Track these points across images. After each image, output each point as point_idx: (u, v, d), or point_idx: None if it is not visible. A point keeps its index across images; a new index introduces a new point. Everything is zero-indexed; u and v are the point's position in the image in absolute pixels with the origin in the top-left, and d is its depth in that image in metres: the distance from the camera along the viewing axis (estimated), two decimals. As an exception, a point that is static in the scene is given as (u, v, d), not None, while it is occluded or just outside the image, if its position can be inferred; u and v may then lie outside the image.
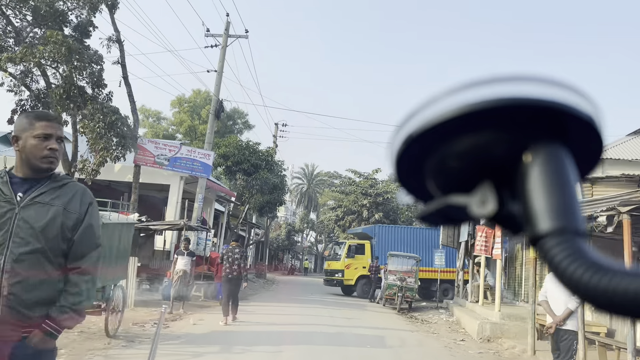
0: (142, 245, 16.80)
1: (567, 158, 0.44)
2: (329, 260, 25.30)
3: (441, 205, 0.48)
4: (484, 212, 0.46)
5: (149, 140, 17.57)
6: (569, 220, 0.42)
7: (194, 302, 13.85)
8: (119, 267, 7.70)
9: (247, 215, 29.26)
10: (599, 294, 0.38)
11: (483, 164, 0.45)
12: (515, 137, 0.44)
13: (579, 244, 0.41)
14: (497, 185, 0.46)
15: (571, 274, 0.40)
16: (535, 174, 0.43)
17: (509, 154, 0.44)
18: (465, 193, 0.47)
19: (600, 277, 0.38)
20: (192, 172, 18.06)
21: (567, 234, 0.41)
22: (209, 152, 18.25)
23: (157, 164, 17.66)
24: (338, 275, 23.50)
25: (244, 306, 13.66)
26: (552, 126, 0.43)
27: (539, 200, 0.42)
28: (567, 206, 0.42)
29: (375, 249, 23.63)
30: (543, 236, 0.42)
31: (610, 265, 0.39)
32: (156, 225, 14.36)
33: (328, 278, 24.37)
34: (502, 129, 0.43)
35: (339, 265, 23.60)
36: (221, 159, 23.27)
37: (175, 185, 18.33)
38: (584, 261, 0.40)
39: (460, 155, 0.45)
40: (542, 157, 0.43)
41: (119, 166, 18.66)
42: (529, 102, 0.41)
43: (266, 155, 24.54)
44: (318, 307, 16.09)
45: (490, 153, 0.45)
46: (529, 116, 0.42)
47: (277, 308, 14.86)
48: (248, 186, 23.30)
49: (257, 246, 40.77)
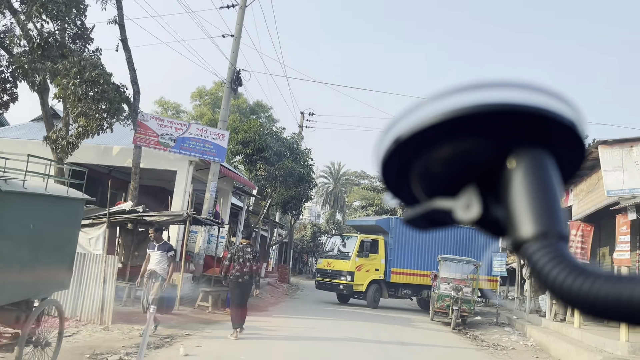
0: (141, 243, 13.85)
1: (550, 163, 0.45)
2: (329, 258, 19.03)
3: (427, 209, 0.48)
4: (468, 216, 0.46)
5: (152, 117, 14.61)
6: (551, 224, 0.42)
7: (199, 315, 10.77)
8: (49, 268, 4.61)
9: (268, 212, 26.22)
10: (581, 299, 0.38)
11: (468, 168, 0.46)
12: (499, 143, 0.44)
13: (562, 248, 0.41)
14: (481, 189, 0.46)
15: (554, 278, 0.39)
16: (519, 179, 0.43)
17: (493, 159, 0.45)
18: (450, 197, 0.47)
19: (583, 282, 0.38)
20: (203, 156, 15.02)
21: (550, 238, 0.41)
22: (223, 132, 15.20)
23: (160, 145, 14.68)
24: (344, 279, 17.75)
25: (264, 322, 10.52)
26: (536, 132, 0.43)
27: (522, 205, 0.43)
28: (550, 211, 0.42)
29: (390, 248, 18.46)
30: (526, 240, 0.42)
31: (592, 269, 0.39)
32: (151, 216, 11.34)
33: (325, 281, 18.50)
34: (486, 134, 0.44)
35: (347, 265, 17.84)
36: (240, 146, 20.24)
37: (183, 171, 15.32)
38: (566, 265, 0.39)
39: (445, 160, 0.46)
40: (526, 163, 0.44)
41: (118, 149, 15.76)
42: (512, 108, 0.42)
43: (291, 143, 21.43)
44: (357, 321, 12.87)
45: (475, 158, 0.45)
46: (512, 122, 0.43)
47: (306, 323, 11.70)
48: (270, 177, 20.21)
49: (280, 247, 37.79)
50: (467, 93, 0.42)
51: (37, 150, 16.39)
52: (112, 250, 13.49)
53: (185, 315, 10.43)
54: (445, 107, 0.42)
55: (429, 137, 0.44)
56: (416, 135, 0.43)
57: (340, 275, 18.04)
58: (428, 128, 0.43)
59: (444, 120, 0.42)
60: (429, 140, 0.44)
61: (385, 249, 18.41)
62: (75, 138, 10.18)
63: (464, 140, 0.44)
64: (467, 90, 0.42)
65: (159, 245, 9.00)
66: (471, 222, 0.46)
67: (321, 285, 18.94)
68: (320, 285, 18.98)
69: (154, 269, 8.84)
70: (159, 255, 8.88)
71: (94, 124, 9.93)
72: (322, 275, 19.03)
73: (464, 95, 0.42)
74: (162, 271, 8.86)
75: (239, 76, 15.43)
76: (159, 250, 8.93)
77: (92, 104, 9.74)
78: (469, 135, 0.44)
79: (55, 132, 10.33)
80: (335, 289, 18.32)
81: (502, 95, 0.42)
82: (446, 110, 0.42)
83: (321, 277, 19.00)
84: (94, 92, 9.77)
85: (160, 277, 8.81)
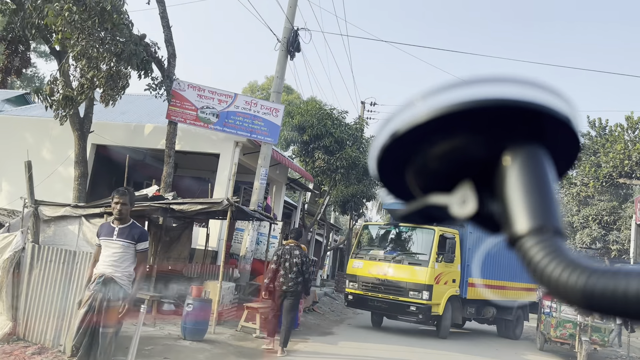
0: (173, 242, 11.00)
1: (545, 158, 0.45)
2: (375, 260, 11.80)
3: (422, 205, 0.48)
4: (464, 212, 0.46)
5: (190, 85, 11.77)
6: (547, 219, 0.42)
7: (241, 342, 7.69)
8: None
9: (325, 212, 23.10)
10: (577, 294, 0.38)
11: (463, 164, 0.46)
12: (494, 138, 0.44)
13: (558, 243, 0.41)
14: (477, 185, 0.46)
15: (550, 273, 0.39)
16: (514, 174, 0.43)
17: (488, 154, 0.45)
18: (445, 193, 0.47)
19: (578, 276, 0.38)
20: (252, 135, 12.07)
21: (546, 233, 0.41)
22: (277, 106, 12.19)
23: (200, 121, 11.84)
24: (416, 296, 10.98)
25: (333, 354, 7.35)
26: (530, 127, 0.44)
27: (518, 200, 0.43)
28: (546, 206, 0.42)
29: (468, 248, 12.07)
30: (522, 236, 0.42)
31: (588, 264, 0.39)
32: (181, 204, 8.40)
33: (372, 297, 11.45)
34: (481, 130, 0.44)
35: (421, 275, 11.03)
36: (295, 132, 17.25)
37: (228, 155, 12.42)
38: (561, 260, 0.39)
39: (441, 155, 0.46)
40: (521, 158, 0.44)
41: (151, 127, 13.05)
42: (507, 104, 0.42)
43: (354, 130, 18.23)
44: (451, 353, 9.49)
45: (470, 154, 0.45)
46: (507, 117, 0.43)
47: (390, 354, 8.44)
48: (330, 169, 17.08)
49: (335, 253, 34.67)
50: (461, 89, 0.42)
51: (58, 131, 13.97)
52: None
53: (222, 343, 7.37)
54: (440, 103, 0.42)
55: (424, 133, 0.43)
56: (412, 130, 0.43)
57: (406, 290, 11.06)
58: (423, 124, 0.42)
59: (438, 116, 0.42)
60: (425, 135, 0.44)
61: (461, 250, 12.01)
62: (75, 91, 7.35)
63: (459, 136, 0.44)
64: (461, 86, 0.42)
65: (121, 228, 4.66)
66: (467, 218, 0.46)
67: (360, 303, 11.77)
68: (359, 303, 11.79)
69: (107, 273, 4.55)
70: (121, 248, 4.61)
71: (101, 72, 7.07)
72: (361, 286, 11.68)
73: (458, 91, 0.42)
74: (124, 278, 4.58)
75: (296, 37, 12.40)
76: (120, 239, 4.62)
77: (96, 43, 6.90)
78: (464, 131, 0.43)
79: (50, 84, 7.55)
80: (394, 311, 11.48)
81: (496, 90, 0.41)
82: (441, 106, 0.41)
83: (359, 290, 11.67)
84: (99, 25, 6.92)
85: (120, 288, 4.52)
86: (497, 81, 0.42)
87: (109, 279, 4.53)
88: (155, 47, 10.69)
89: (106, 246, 4.66)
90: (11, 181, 12.78)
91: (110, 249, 4.63)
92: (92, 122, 11.15)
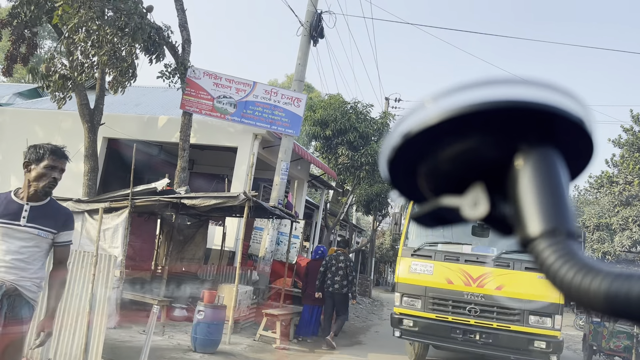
0: (187, 241, 10.19)
1: (559, 160, 0.44)
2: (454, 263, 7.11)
3: (434, 206, 0.48)
4: (476, 214, 0.46)
5: (206, 73, 10.96)
6: (560, 221, 0.41)
7: (260, 354, 6.80)
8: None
9: (347, 213, 22.17)
10: (590, 297, 0.38)
11: (475, 165, 0.46)
12: (506, 140, 0.44)
13: (571, 246, 0.40)
14: (489, 187, 0.46)
15: (562, 276, 0.39)
16: (527, 176, 0.43)
17: (501, 156, 0.45)
18: (457, 195, 0.47)
19: (592, 279, 0.38)
20: (272, 127, 11.21)
21: (559, 235, 0.41)
22: (299, 95, 11.31)
23: (216, 111, 11.02)
24: (547, 325, 6.80)
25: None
26: (543, 128, 0.43)
27: (531, 202, 0.42)
28: (559, 208, 0.42)
29: None
30: (534, 238, 0.41)
31: (601, 267, 0.39)
32: (193, 198, 7.55)
33: (481, 329, 6.87)
34: (494, 131, 0.43)
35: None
36: (317, 127, 16.36)
37: (246, 148, 11.57)
38: (575, 263, 0.39)
39: (453, 157, 0.45)
40: (534, 160, 0.43)
41: (165, 119, 12.28)
42: (520, 105, 0.41)
43: (380, 125, 17.25)
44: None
45: (482, 155, 0.45)
46: (519, 119, 0.43)
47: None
48: (354, 166, 16.16)
49: (358, 255, 33.70)
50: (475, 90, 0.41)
51: (69, 123, 13.32)
52: (149, 249, 9.91)
53: (237, 355, 6.48)
54: (452, 104, 0.41)
55: (436, 134, 0.43)
56: (424, 131, 0.43)
57: (524, 314, 6.84)
58: (435, 125, 0.42)
59: (450, 117, 0.41)
60: (437, 137, 0.43)
61: None
62: (75, 71, 6.56)
63: (471, 138, 0.44)
64: (475, 87, 0.42)
65: (34, 207, 2.90)
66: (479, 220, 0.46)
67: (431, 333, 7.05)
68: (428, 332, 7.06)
69: (7, 281, 2.76)
70: (32, 241, 2.83)
71: (102, 48, 6.27)
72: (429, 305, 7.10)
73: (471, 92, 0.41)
74: (34, 288, 2.87)
75: (319, 21, 11.50)
76: (31, 225, 2.83)
77: (95, 14, 6.10)
78: (476, 132, 0.43)
79: (47, 62, 6.78)
80: (499, 347, 6.83)
81: (509, 92, 0.41)
82: (453, 107, 0.41)
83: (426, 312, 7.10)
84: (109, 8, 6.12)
85: (25, 302, 2.82)
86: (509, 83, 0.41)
87: (11, 291, 2.75)
88: (168, 30, 9.91)
89: (5, 235, 2.76)
90: (20, 176, 12.14)
91: (13, 240, 2.77)
92: (103, 114, 10.43)
